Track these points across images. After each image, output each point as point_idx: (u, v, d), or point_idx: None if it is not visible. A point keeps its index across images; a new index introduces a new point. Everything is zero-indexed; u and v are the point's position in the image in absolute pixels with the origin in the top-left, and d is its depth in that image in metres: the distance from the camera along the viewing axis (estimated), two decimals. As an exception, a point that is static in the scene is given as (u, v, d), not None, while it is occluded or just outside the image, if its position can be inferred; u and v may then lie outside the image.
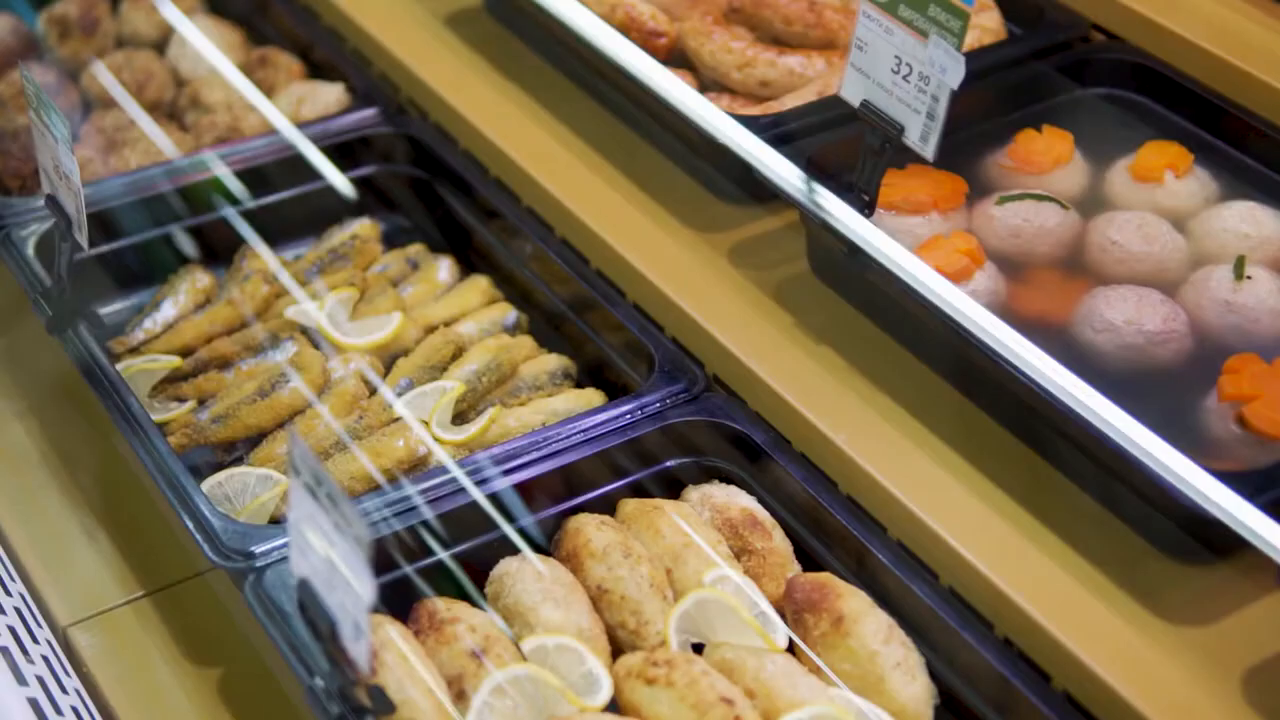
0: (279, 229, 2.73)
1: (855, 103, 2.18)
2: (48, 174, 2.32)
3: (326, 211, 2.77)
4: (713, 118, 2.45)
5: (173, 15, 3.17)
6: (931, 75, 2.06)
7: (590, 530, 2.12)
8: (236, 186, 2.71)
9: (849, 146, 2.35)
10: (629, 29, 2.69)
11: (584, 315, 2.51)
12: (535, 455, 2.21)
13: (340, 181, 2.78)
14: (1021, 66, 2.61)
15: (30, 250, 2.51)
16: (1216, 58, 2.58)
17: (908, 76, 2.10)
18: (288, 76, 2.98)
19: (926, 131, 2.09)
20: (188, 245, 2.69)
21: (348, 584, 1.71)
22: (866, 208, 2.20)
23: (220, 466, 2.35)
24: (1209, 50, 2.59)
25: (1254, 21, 2.68)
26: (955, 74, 2.04)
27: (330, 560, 1.73)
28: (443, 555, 2.13)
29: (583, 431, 2.24)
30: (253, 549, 2.05)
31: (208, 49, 3.06)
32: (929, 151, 2.10)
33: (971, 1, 1.99)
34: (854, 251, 2.21)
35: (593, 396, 2.41)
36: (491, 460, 2.19)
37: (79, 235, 2.27)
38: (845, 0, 2.79)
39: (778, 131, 2.41)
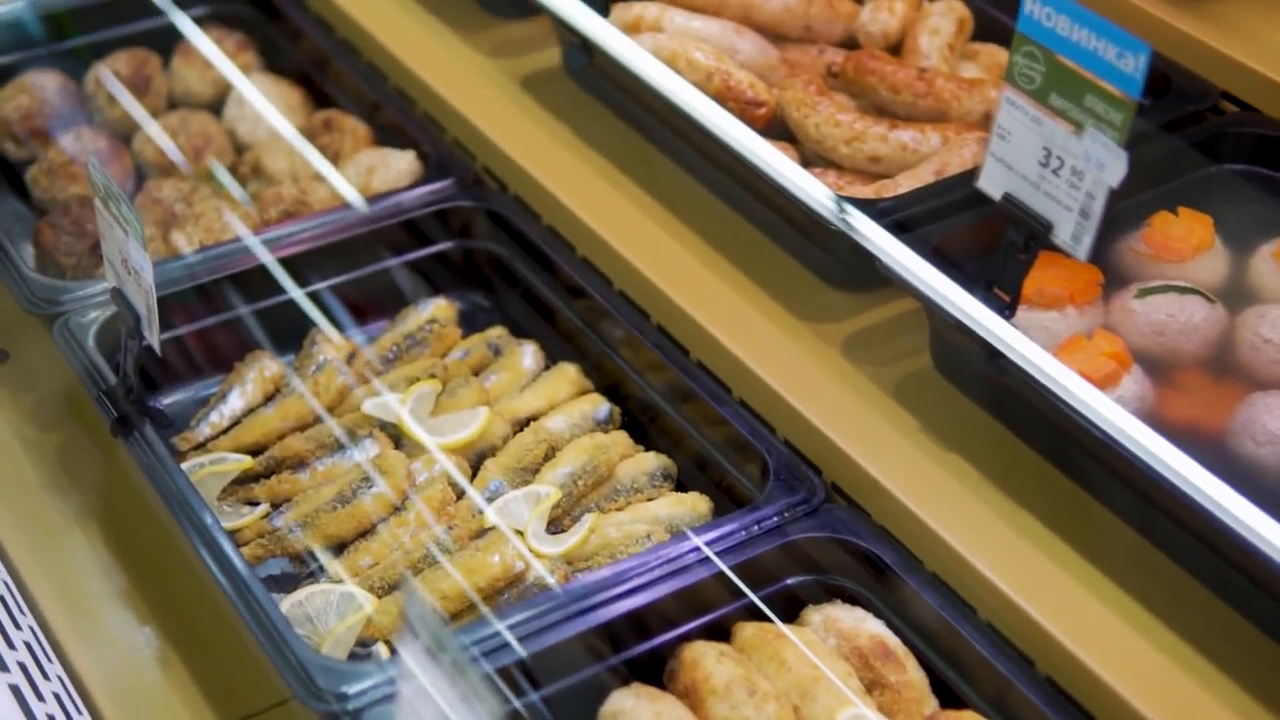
0: (349, 309, 2.57)
1: (996, 195, 2.00)
2: (114, 266, 2.15)
3: (399, 290, 2.60)
4: (825, 199, 2.27)
5: (229, 72, 3.00)
6: (1087, 171, 1.89)
7: (709, 663, 1.95)
8: (305, 266, 2.54)
9: (976, 233, 2.20)
10: (726, 98, 2.51)
11: (682, 410, 2.34)
12: (645, 578, 2.03)
13: (415, 260, 2.62)
14: (1150, 141, 2.43)
15: (91, 341, 2.34)
16: (1363, 132, 2.41)
17: (1058, 171, 1.92)
18: (354, 142, 2.81)
19: (1079, 231, 1.91)
20: (254, 329, 2.51)
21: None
22: (1007, 308, 2.03)
23: (295, 577, 2.19)
24: (1354, 123, 2.42)
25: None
26: (1116, 171, 1.86)
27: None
28: (550, 689, 1.96)
29: (695, 550, 2.06)
30: (346, 690, 1.88)
31: (268, 111, 2.89)
32: (1081, 252, 1.92)
33: (1137, 94, 1.81)
34: (992, 355, 2.03)
35: (696, 501, 2.23)
36: (598, 584, 2.02)
37: (149, 335, 2.10)
38: (954, 66, 2.63)
39: (899, 217, 2.23)
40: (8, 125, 2.89)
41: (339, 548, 2.20)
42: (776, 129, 2.55)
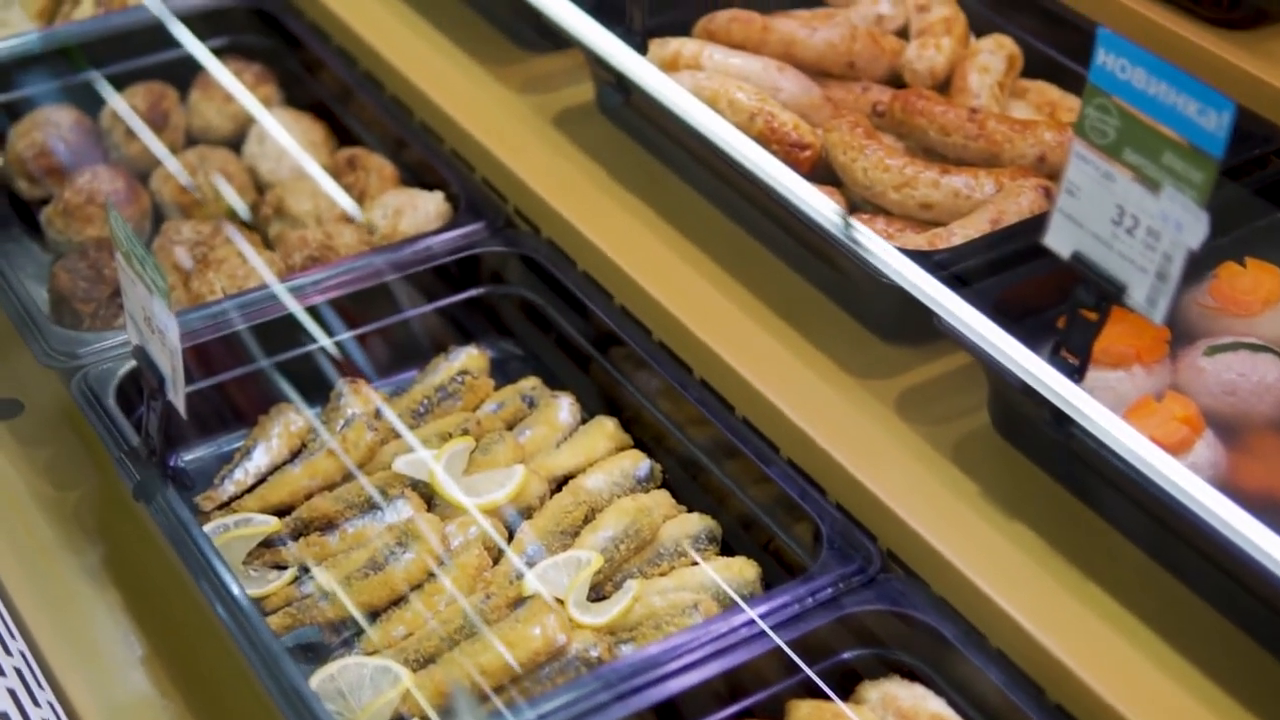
0: (377, 359, 2.48)
1: (1064, 253, 1.90)
2: (136, 323, 2.06)
3: (428, 339, 2.50)
4: (877, 249, 2.17)
5: (250, 105, 2.90)
6: (1164, 232, 1.79)
7: (765, 746, 1.86)
8: (331, 314, 2.45)
9: (1039, 288, 2.11)
10: (769, 140, 2.41)
11: (727, 468, 2.24)
12: (694, 655, 1.93)
13: (445, 306, 2.52)
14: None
15: (111, 398, 2.24)
16: None
17: (1132, 230, 1.82)
18: (380, 182, 2.71)
19: (1155, 294, 1.81)
20: (278, 380, 2.42)
21: None
22: (1076, 373, 1.93)
23: (326, 647, 2.09)
24: None
25: None
26: (1195, 233, 1.76)
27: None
28: (597, 774, 1.87)
29: (746, 624, 1.97)
30: (384, 779, 1.79)
31: (291, 148, 2.79)
32: (1157, 315, 1.82)
33: (1220, 152, 1.71)
34: (1059, 419, 1.93)
35: (744, 567, 2.14)
36: (645, 662, 1.92)
37: (174, 397, 2.00)
38: (1005, 105, 2.53)
39: (957, 269, 2.13)
40: (22, 163, 2.80)
41: (371, 615, 2.10)
42: (820, 172, 2.45)
